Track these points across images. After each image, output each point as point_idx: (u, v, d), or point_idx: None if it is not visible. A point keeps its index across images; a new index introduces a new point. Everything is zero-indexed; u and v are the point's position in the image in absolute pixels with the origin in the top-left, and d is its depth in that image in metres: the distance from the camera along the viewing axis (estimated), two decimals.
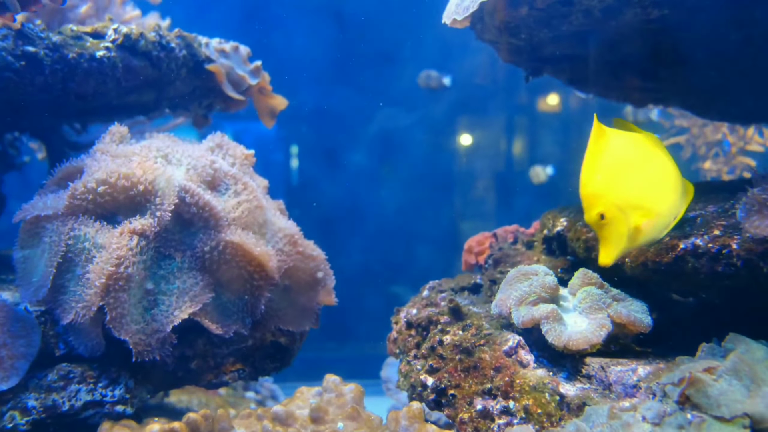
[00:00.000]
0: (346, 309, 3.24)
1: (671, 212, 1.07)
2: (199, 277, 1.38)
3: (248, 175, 1.56)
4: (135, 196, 1.35)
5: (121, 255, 1.25)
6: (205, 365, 1.49)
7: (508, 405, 1.12)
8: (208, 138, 1.61)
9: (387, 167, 4.86)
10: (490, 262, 1.59)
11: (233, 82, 1.87)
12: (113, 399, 1.35)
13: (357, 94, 4.68)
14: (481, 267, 1.74)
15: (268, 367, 1.61)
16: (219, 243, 1.38)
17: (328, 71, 4.63)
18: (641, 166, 1.07)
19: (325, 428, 1.19)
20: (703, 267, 1.07)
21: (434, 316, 1.34)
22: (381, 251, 4.67)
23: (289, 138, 4.68)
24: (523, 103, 4.84)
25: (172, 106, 1.97)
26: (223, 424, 1.22)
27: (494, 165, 4.85)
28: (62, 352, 1.37)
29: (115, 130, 1.51)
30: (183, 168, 1.44)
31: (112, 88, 1.63)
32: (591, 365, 1.14)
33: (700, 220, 1.12)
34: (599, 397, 1.09)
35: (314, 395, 1.31)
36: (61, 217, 1.33)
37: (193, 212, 1.37)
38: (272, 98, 1.98)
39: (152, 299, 1.33)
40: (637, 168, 1.06)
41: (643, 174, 1.06)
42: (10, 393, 1.27)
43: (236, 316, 1.44)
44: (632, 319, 1.13)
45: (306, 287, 1.55)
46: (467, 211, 4.87)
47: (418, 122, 4.82)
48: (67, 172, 1.44)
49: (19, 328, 1.33)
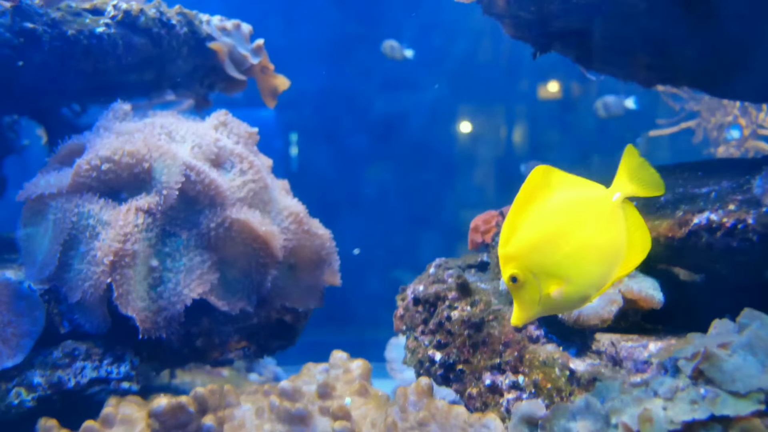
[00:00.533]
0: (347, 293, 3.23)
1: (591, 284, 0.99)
2: (206, 255, 1.36)
3: (253, 154, 1.54)
4: (139, 173, 1.34)
5: (127, 232, 1.24)
6: (210, 343, 1.48)
7: (518, 380, 1.12)
8: (212, 116, 1.59)
9: (388, 151, 4.84)
10: (497, 240, 1.58)
11: (235, 61, 1.85)
12: (119, 376, 1.35)
13: (358, 77, 4.65)
14: (487, 246, 1.73)
15: (273, 346, 1.60)
16: (224, 221, 1.36)
17: (329, 53, 4.59)
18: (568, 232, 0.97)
19: (332, 403, 1.18)
20: (718, 242, 1.06)
21: (442, 292, 1.33)
22: (382, 236, 4.66)
23: (289, 123, 4.65)
24: (524, 90, 4.80)
25: (173, 86, 1.95)
26: (231, 399, 1.22)
27: (496, 150, 4.82)
28: (66, 329, 1.36)
29: (118, 107, 1.49)
30: (187, 145, 1.42)
31: (112, 65, 1.61)
32: (601, 341, 1.13)
33: (714, 195, 1.11)
34: (610, 373, 1.08)
35: (321, 372, 1.31)
36: (66, 195, 1.31)
37: (198, 190, 1.36)
38: (274, 78, 1.96)
39: (158, 276, 1.32)
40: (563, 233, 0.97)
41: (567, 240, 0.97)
42: (15, 370, 1.27)
43: (241, 293, 1.43)
44: (644, 295, 1.12)
45: (311, 266, 1.54)
46: (469, 195, 4.85)
47: (421, 106, 4.78)
48: (70, 149, 1.43)
49: (24, 306, 1.32)
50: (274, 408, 1.19)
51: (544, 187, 1.00)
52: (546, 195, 0.99)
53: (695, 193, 1.16)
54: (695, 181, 1.22)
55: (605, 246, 0.98)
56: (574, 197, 1.00)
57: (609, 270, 0.99)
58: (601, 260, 0.98)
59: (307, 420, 1.16)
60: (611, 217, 0.98)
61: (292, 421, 1.16)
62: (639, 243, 0.98)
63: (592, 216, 0.98)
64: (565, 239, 0.97)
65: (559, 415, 1.04)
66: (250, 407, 1.24)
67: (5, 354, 1.25)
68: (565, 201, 0.99)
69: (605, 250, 0.98)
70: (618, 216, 0.98)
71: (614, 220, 0.98)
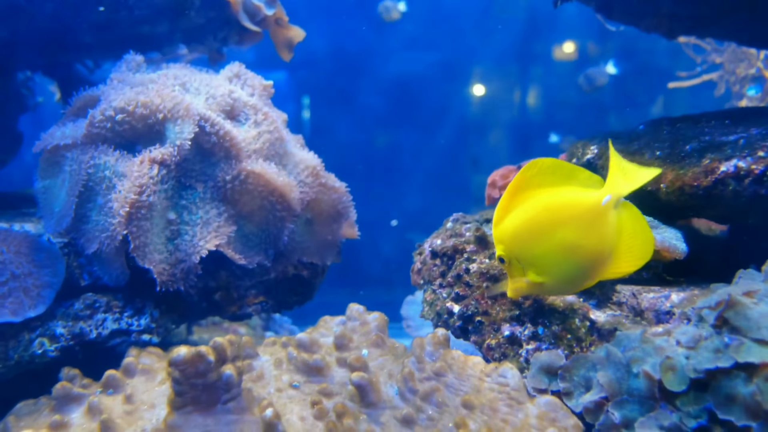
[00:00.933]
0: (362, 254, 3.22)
1: (568, 282, 1.00)
2: (222, 208, 1.36)
3: (267, 106, 1.52)
4: (154, 124, 1.32)
5: (142, 183, 1.24)
6: (228, 297, 1.49)
7: (537, 331, 1.11)
8: (226, 68, 1.57)
9: (403, 113, 4.78)
10: None
11: (249, 12, 1.81)
12: (139, 328, 1.36)
13: (372, 36, 4.57)
14: None
15: (291, 300, 1.61)
16: (240, 173, 1.35)
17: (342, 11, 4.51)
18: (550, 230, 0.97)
19: (349, 355, 1.19)
20: (745, 190, 1.03)
21: (460, 245, 1.32)
22: (396, 198, 4.65)
23: (301, 84, 4.60)
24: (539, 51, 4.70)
25: (186, 39, 1.92)
26: (249, 350, 1.23)
27: (511, 112, 4.75)
28: (86, 282, 1.37)
29: (131, 58, 1.47)
30: (202, 97, 1.40)
31: (124, 16, 1.58)
32: (622, 292, 1.11)
33: (742, 141, 1.07)
34: (630, 324, 1.07)
35: (338, 324, 1.31)
36: (81, 146, 1.31)
37: (213, 142, 1.34)
38: (289, 29, 1.92)
39: (175, 229, 1.32)
40: (545, 230, 0.97)
41: (548, 238, 0.97)
42: (38, 320, 1.29)
43: (259, 247, 1.42)
44: (667, 245, 1.10)
45: (329, 220, 1.53)
46: (484, 157, 4.81)
47: (436, 66, 4.70)
48: (85, 101, 1.41)
49: (44, 258, 1.33)
50: (292, 359, 1.20)
51: (539, 178, 0.99)
52: (539, 187, 0.98)
53: (722, 140, 1.13)
54: (722, 129, 1.18)
55: (586, 249, 0.96)
56: (563, 197, 0.98)
57: (589, 272, 0.98)
58: (580, 262, 0.97)
59: (325, 371, 1.17)
60: (597, 220, 0.95)
61: (310, 371, 1.17)
62: (638, 248, 0.95)
63: (576, 218, 0.96)
64: (546, 236, 0.97)
65: (579, 365, 1.04)
66: (268, 358, 1.25)
67: (27, 304, 1.27)
68: (553, 198, 0.98)
69: (586, 253, 0.96)
70: (606, 220, 0.95)
71: (601, 223, 0.95)
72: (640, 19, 1.83)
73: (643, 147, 1.27)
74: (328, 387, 1.11)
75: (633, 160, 1.25)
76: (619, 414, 0.92)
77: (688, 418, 0.88)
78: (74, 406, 1.11)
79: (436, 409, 1.04)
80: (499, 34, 4.68)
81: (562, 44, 4.54)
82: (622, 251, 0.96)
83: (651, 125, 1.41)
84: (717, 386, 0.87)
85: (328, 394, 1.11)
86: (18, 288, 1.26)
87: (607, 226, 0.95)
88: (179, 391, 1.00)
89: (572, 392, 1.01)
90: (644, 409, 0.92)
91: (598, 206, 0.94)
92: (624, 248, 0.96)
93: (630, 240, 0.95)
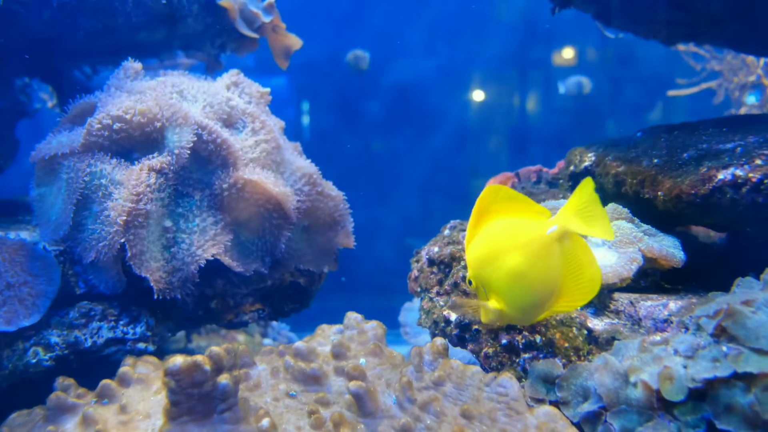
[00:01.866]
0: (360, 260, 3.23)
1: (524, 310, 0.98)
2: (219, 216, 1.35)
3: (265, 114, 1.52)
4: (151, 132, 1.32)
5: (139, 191, 1.23)
6: (225, 305, 1.48)
7: (534, 339, 1.10)
8: (224, 75, 1.56)
9: (401, 118, 4.79)
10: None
11: (246, 19, 1.81)
12: (135, 336, 1.35)
13: (371, 42, 4.57)
14: None
15: (288, 308, 1.60)
16: (237, 181, 1.35)
17: (342, 18, 4.52)
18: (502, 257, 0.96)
19: (347, 363, 1.18)
20: (743, 199, 1.03)
21: (457, 252, 1.31)
22: (395, 204, 4.65)
23: (300, 90, 4.60)
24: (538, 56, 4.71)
25: (183, 46, 1.92)
26: (245, 359, 1.22)
27: (509, 118, 4.76)
28: (82, 290, 1.37)
29: (129, 65, 1.46)
30: (199, 105, 1.40)
31: (122, 23, 1.58)
32: (620, 300, 1.11)
33: (740, 150, 1.07)
34: (628, 332, 1.07)
35: (335, 332, 1.30)
36: (78, 154, 1.30)
37: (211, 150, 1.34)
38: (286, 37, 1.92)
39: (171, 237, 1.31)
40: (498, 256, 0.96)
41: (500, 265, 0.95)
42: (32, 329, 1.28)
43: (255, 255, 1.42)
44: (664, 254, 1.10)
45: (325, 227, 1.53)
46: (482, 163, 4.81)
47: (435, 71, 4.71)
48: (82, 109, 1.41)
49: (39, 266, 1.32)
50: (289, 368, 1.19)
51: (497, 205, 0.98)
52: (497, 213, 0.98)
53: (720, 149, 1.13)
54: (720, 137, 1.18)
55: (533, 278, 0.94)
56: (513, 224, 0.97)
57: (539, 302, 0.96)
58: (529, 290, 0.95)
59: (322, 380, 1.16)
60: (543, 250, 0.93)
61: (307, 381, 1.16)
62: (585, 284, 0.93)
63: (522, 246, 0.94)
64: (499, 263, 0.95)
65: (577, 374, 1.03)
66: (265, 367, 1.24)
67: (22, 314, 1.26)
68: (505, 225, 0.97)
69: (533, 281, 0.95)
70: (551, 250, 0.93)
71: (546, 253, 0.93)
72: (638, 25, 1.83)
73: (641, 155, 1.27)
74: (326, 396, 1.11)
75: (631, 167, 1.25)
76: (617, 424, 0.92)
77: (686, 428, 0.88)
78: (69, 417, 1.10)
79: (435, 419, 1.03)
80: (498, 41, 4.69)
81: (562, 50, 4.56)
82: (570, 285, 0.94)
83: (649, 133, 1.41)
84: (715, 396, 0.86)
85: (326, 404, 1.10)
86: (13, 297, 1.25)
87: (553, 256, 0.93)
88: (175, 401, 0.99)
89: (570, 402, 1.01)
90: (642, 419, 0.91)
91: (543, 236, 0.93)
92: (571, 282, 0.94)
93: (577, 274, 0.93)
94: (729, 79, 2.95)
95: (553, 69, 4.66)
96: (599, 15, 1.75)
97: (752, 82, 2.89)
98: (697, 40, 1.90)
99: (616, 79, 4.47)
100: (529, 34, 4.58)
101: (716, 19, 1.55)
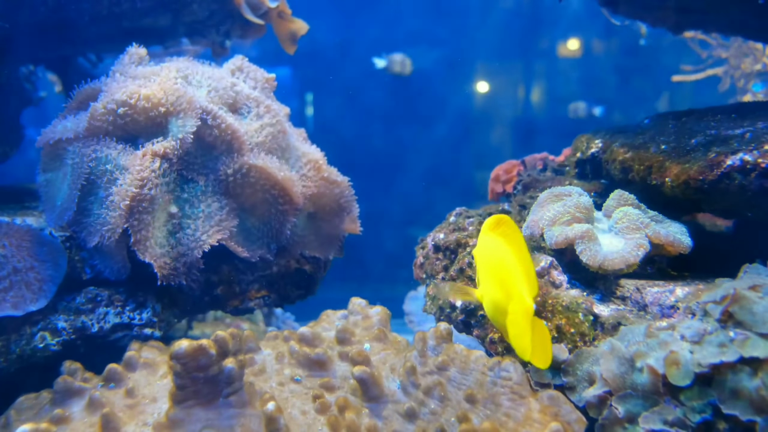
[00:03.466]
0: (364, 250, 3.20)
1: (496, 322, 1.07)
2: (224, 202, 1.35)
3: (270, 99, 1.51)
4: (156, 117, 1.32)
5: (144, 176, 1.23)
6: (231, 291, 1.49)
7: None
8: (229, 61, 1.56)
9: (407, 108, 4.77)
10: (519, 188, 1.55)
11: (252, 5, 1.80)
12: (141, 322, 1.36)
13: (375, 31, 4.55)
14: (508, 196, 1.70)
15: (293, 295, 1.60)
16: (242, 166, 1.35)
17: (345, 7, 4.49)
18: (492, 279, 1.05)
19: (351, 349, 1.18)
20: (751, 184, 1.02)
21: (462, 239, 1.31)
22: (399, 193, 4.64)
23: (305, 78, 4.59)
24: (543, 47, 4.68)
25: (188, 33, 1.91)
26: (251, 344, 1.22)
27: (513, 108, 4.74)
28: (88, 276, 1.37)
29: (134, 51, 1.46)
30: (204, 90, 1.40)
31: (127, 8, 1.57)
32: (626, 286, 1.11)
33: (749, 135, 1.06)
34: (634, 318, 1.06)
35: (340, 318, 1.30)
36: (83, 139, 1.30)
37: (215, 135, 1.34)
38: (292, 22, 1.91)
39: (176, 223, 1.31)
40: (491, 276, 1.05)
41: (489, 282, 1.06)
42: (39, 314, 1.28)
43: (261, 241, 1.42)
44: (671, 240, 1.09)
45: (331, 214, 1.52)
46: (486, 153, 4.80)
47: (439, 61, 4.69)
48: (86, 94, 1.41)
49: (46, 252, 1.33)
50: (294, 353, 1.19)
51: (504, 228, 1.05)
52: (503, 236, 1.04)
53: (728, 134, 1.12)
54: (729, 123, 1.17)
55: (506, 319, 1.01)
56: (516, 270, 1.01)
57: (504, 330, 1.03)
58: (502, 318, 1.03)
59: (327, 365, 1.16)
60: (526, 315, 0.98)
61: (312, 365, 1.16)
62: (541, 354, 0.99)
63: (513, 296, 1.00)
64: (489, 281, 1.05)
65: (583, 359, 1.03)
66: (270, 352, 1.25)
67: (28, 298, 1.27)
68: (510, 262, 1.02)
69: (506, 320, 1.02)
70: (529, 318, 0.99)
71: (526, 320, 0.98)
72: (645, 12, 1.82)
73: (648, 141, 1.26)
74: (331, 381, 1.11)
75: (638, 153, 1.24)
76: (622, 408, 0.92)
77: (692, 413, 0.87)
78: (76, 400, 1.10)
79: (439, 403, 1.03)
80: (503, 30, 4.66)
81: (567, 41, 4.53)
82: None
83: (656, 119, 1.40)
84: (722, 381, 0.86)
85: (330, 388, 1.10)
86: (20, 282, 1.26)
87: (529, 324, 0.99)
88: (181, 385, 0.99)
89: (575, 386, 1.01)
90: (648, 404, 0.91)
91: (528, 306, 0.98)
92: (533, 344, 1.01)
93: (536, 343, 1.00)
94: (735, 66, 2.92)
95: (558, 59, 4.63)
96: (607, 2, 1.73)
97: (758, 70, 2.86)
98: (706, 27, 1.88)
99: (621, 69, 4.45)
100: (534, 24, 4.55)
101: (726, 4, 1.53)
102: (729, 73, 2.94)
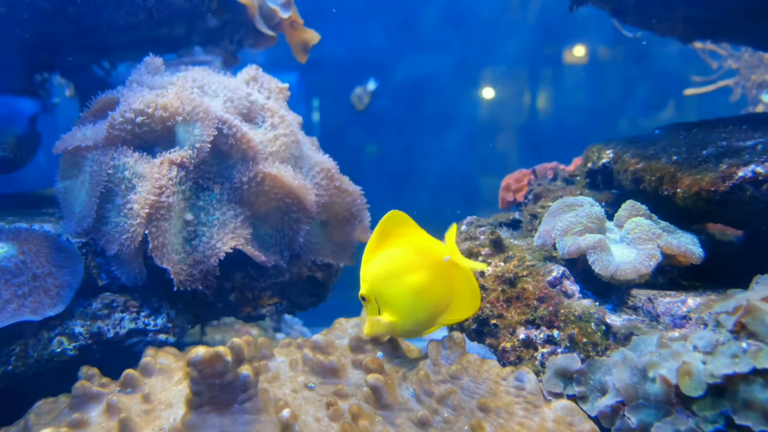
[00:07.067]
0: None
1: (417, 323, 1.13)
2: (239, 210, 1.37)
3: (284, 109, 1.53)
4: (173, 127, 1.34)
5: (162, 184, 1.25)
6: (244, 298, 1.50)
7: (552, 334, 1.11)
8: (243, 71, 1.58)
9: (415, 115, 4.79)
10: (530, 197, 1.56)
11: (264, 15, 1.82)
12: (156, 328, 1.37)
13: (383, 38, 4.58)
14: (518, 205, 1.71)
15: (305, 302, 1.62)
16: (257, 175, 1.36)
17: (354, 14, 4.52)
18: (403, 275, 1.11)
19: (365, 357, 1.19)
20: (763, 196, 1.03)
21: (475, 248, 1.32)
22: (407, 201, 4.65)
23: (313, 85, 4.61)
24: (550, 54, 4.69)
25: (202, 42, 1.93)
26: (265, 351, 1.24)
27: (522, 116, 4.75)
28: (104, 282, 1.39)
29: (150, 61, 1.48)
30: (220, 99, 1.42)
31: (143, 19, 1.60)
32: (638, 297, 1.11)
33: (761, 147, 1.07)
34: (647, 328, 1.07)
35: (353, 326, 1.32)
36: (101, 148, 1.32)
37: (231, 144, 1.36)
38: (304, 32, 1.93)
39: (192, 230, 1.33)
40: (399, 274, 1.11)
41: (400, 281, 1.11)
42: (57, 319, 1.30)
43: (274, 248, 1.43)
44: (683, 250, 1.10)
45: (343, 222, 1.54)
46: (494, 161, 4.80)
47: (447, 68, 4.70)
48: (104, 103, 1.43)
49: (63, 258, 1.34)
50: (308, 360, 1.20)
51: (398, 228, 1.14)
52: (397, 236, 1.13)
53: (740, 146, 1.12)
54: (740, 134, 1.18)
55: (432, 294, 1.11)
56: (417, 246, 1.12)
57: (433, 316, 1.13)
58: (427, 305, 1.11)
59: (340, 372, 1.18)
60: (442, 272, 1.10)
61: (326, 373, 1.18)
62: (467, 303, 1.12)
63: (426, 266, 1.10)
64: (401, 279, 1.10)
65: (595, 369, 1.04)
66: (284, 359, 1.26)
67: (47, 304, 1.28)
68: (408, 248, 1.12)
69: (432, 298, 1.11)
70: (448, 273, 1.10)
71: (444, 275, 1.10)
72: (655, 23, 1.83)
73: (660, 152, 1.27)
74: (344, 388, 1.12)
75: (650, 164, 1.25)
76: (635, 419, 0.92)
77: (704, 423, 0.88)
78: (93, 405, 1.12)
79: (452, 411, 1.04)
80: (511, 38, 4.68)
81: (573, 48, 4.54)
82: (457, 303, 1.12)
83: (667, 130, 1.41)
84: (734, 391, 0.87)
85: (344, 396, 1.11)
86: (38, 287, 1.28)
87: (449, 278, 1.10)
88: (197, 391, 1.01)
89: (588, 396, 1.01)
90: (661, 414, 0.92)
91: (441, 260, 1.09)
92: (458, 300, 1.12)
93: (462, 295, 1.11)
94: (746, 77, 2.92)
95: (565, 67, 4.64)
96: (616, 12, 1.74)
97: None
98: (715, 37, 1.89)
99: (628, 77, 4.45)
100: (543, 32, 4.57)
101: (736, 16, 1.54)
102: (740, 84, 2.94)
